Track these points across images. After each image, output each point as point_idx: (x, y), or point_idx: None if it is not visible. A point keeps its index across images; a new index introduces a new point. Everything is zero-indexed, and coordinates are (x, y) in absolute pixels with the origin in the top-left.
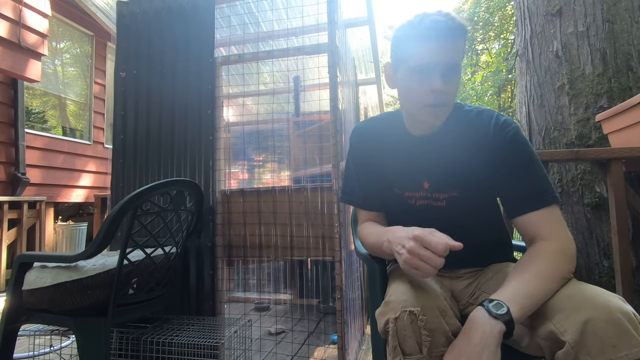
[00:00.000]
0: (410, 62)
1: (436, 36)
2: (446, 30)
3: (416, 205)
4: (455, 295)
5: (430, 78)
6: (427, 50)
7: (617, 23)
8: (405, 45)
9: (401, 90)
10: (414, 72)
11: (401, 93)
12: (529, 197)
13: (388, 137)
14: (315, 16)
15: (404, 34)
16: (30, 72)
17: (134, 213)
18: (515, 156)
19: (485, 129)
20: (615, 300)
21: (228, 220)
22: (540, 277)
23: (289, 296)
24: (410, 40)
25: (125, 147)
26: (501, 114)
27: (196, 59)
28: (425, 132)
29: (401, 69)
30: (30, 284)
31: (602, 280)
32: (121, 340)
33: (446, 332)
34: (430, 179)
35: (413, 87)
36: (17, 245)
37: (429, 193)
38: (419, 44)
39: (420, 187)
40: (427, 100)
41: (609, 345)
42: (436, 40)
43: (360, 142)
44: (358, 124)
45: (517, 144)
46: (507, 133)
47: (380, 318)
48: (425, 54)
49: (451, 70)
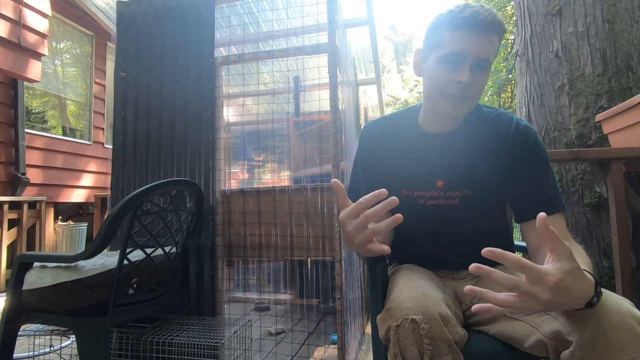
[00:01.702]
0: (441, 49)
1: (473, 26)
2: (484, 23)
3: (426, 205)
4: (459, 297)
5: (459, 68)
6: (461, 38)
7: (617, 23)
8: (440, 31)
9: (427, 78)
10: (444, 60)
11: (426, 81)
12: (542, 202)
13: (399, 137)
14: (315, 16)
15: (441, 21)
16: (30, 72)
17: (134, 213)
18: (534, 162)
19: (504, 132)
20: (626, 304)
21: (228, 220)
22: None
23: (289, 296)
24: (446, 26)
25: (125, 147)
26: (520, 118)
27: (196, 59)
28: (442, 129)
29: (431, 55)
30: (30, 284)
31: (602, 280)
32: (121, 340)
33: (449, 340)
34: (445, 177)
35: (439, 75)
36: (17, 245)
37: (442, 192)
38: (455, 31)
39: (432, 187)
40: (450, 90)
41: (618, 348)
42: (472, 30)
43: (369, 141)
44: (367, 124)
45: (537, 150)
46: (528, 138)
47: (381, 324)
48: (458, 42)
49: (480, 66)
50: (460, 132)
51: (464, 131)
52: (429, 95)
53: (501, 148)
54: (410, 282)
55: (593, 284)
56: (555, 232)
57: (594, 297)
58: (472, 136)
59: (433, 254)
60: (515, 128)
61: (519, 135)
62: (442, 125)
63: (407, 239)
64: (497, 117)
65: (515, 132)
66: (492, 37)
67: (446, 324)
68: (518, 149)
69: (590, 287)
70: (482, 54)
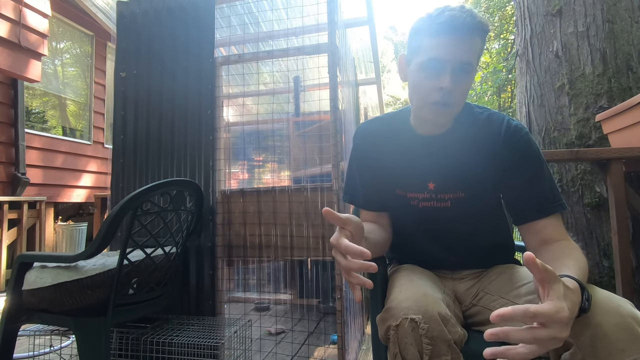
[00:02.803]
0: (421, 56)
1: (451, 31)
2: (462, 26)
3: (419, 207)
4: (459, 297)
5: (439, 75)
6: (439, 44)
7: (617, 23)
8: (418, 37)
9: (410, 83)
10: (424, 67)
11: (410, 87)
12: (540, 204)
13: (393, 137)
14: (315, 16)
15: (420, 26)
16: (30, 72)
17: (134, 213)
18: (527, 163)
19: (496, 133)
20: (626, 305)
21: (228, 220)
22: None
23: (289, 296)
24: (425, 33)
25: (125, 147)
26: (512, 118)
27: (196, 59)
28: (432, 131)
29: (413, 62)
30: (30, 284)
31: (602, 280)
32: (121, 340)
33: (448, 340)
34: (436, 179)
35: (421, 82)
36: (17, 245)
37: (434, 194)
38: (432, 37)
39: (424, 188)
40: (432, 98)
41: (618, 349)
42: (450, 35)
43: (364, 142)
44: (362, 123)
45: (529, 150)
46: (519, 139)
47: (381, 324)
48: (436, 48)
49: (462, 70)
50: (452, 134)
51: (455, 133)
52: (413, 100)
53: (493, 148)
54: (409, 282)
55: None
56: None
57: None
58: (464, 137)
59: (431, 253)
60: (507, 128)
61: (510, 135)
62: (431, 129)
63: (406, 239)
64: (488, 118)
65: (507, 133)
66: (473, 39)
67: (445, 323)
68: (510, 150)
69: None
70: (463, 57)
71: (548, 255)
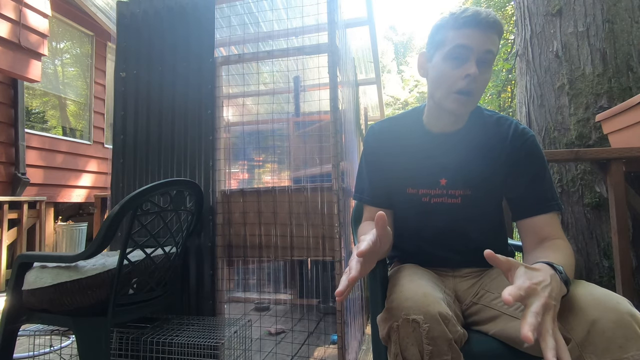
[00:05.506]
0: (447, 45)
1: (475, 23)
2: (486, 21)
3: (430, 203)
4: (459, 295)
5: (465, 62)
6: (466, 34)
7: (617, 23)
8: (443, 31)
9: (432, 76)
10: (449, 56)
11: (431, 80)
12: (539, 201)
13: (405, 136)
14: (315, 16)
15: (444, 22)
16: (30, 72)
17: (134, 213)
18: (531, 163)
19: (504, 134)
20: (624, 303)
21: (228, 220)
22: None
23: (289, 296)
24: (449, 26)
25: (125, 147)
26: (519, 121)
27: (196, 59)
28: (445, 129)
29: (436, 54)
30: (30, 284)
31: (602, 280)
32: (121, 340)
33: (449, 339)
34: (448, 175)
35: (446, 72)
36: (17, 245)
37: (446, 190)
38: (458, 29)
39: (436, 185)
40: (458, 85)
41: (616, 346)
42: (476, 27)
43: (375, 142)
44: (374, 124)
45: (534, 151)
46: (525, 140)
47: (382, 324)
48: (464, 37)
49: (485, 60)
50: (463, 133)
51: (466, 132)
52: (434, 93)
53: (500, 149)
54: (410, 282)
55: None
56: (501, 257)
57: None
58: (474, 137)
59: (434, 252)
60: (514, 130)
61: (517, 137)
62: (446, 125)
63: (408, 238)
64: (497, 120)
65: (514, 135)
66: (493, 36)
67: (446, 323)
68: (516, 151)
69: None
70: (487, 46)
71: (540, 252)
